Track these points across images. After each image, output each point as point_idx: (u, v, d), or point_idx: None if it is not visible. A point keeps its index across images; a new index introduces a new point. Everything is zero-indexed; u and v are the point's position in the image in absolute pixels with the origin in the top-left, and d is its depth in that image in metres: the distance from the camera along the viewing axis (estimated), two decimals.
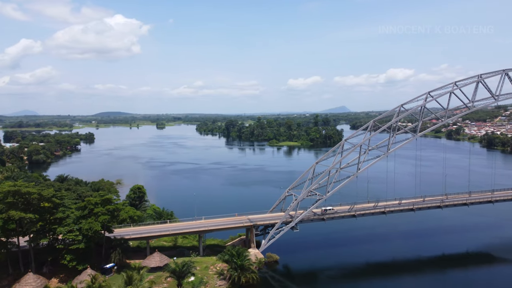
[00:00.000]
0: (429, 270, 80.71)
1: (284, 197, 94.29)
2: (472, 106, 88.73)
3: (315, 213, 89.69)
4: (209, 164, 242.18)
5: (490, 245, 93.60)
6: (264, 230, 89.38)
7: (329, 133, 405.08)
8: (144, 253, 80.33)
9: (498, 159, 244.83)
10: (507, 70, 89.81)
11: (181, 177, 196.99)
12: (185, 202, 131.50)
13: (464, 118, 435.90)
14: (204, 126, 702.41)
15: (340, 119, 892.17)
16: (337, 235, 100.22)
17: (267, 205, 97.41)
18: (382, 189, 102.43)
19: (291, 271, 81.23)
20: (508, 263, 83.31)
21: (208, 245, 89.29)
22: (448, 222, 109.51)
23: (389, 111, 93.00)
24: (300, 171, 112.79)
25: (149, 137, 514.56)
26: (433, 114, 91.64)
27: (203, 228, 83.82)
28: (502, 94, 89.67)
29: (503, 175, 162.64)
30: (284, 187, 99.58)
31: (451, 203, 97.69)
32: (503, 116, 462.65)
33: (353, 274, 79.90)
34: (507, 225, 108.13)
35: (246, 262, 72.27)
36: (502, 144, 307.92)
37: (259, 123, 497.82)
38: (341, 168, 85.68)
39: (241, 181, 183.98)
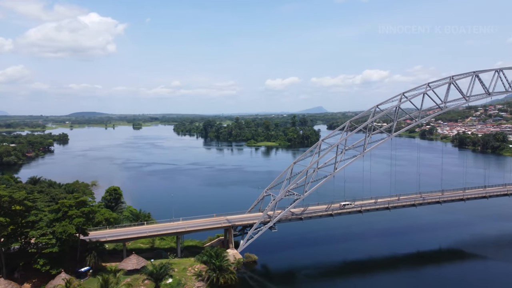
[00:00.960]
0: (404, 267, 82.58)
1: (262, 197, 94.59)
2: (444, 106, 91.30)
3: (293, 213, 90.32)
4: (186, 165, 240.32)
5: (461, 241, 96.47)
6: (242, 230, 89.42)
7: (307, 133, 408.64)
8: (121, 256, 78.99)
9: (469, 158, 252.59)
10: (478, 72, 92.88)
11: (158, 178, 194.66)
12: (163, 203, 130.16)
13: (437, 119, 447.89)
14: (181, 127, 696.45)
15: (317, 119, 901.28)
16: (314, 234, 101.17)
17: (245, 206, 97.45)
18: (358, 188, 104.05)
19: (270, 271, 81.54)
20: (478, 259, 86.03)
21: (186, 246, 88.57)
22: (422, 220, 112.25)
23: (365, 111, 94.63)
24: (278, 171, 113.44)
25: (125, 138, 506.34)
26: (407, 114, 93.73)
27: (181, 229, 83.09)
28: (472, 95, 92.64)
29: (474, 174, 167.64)
30: (262, 187, 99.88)
31: (425, 202, 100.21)
32: (473, 116, 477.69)
33: (331, 272, 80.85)
34: (477, 222, 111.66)
35: (224, 263, 72.10)
36: (473, 143, 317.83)
37: (237, 123, 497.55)
38: (318, 168, 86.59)
39: (219, 181, 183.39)
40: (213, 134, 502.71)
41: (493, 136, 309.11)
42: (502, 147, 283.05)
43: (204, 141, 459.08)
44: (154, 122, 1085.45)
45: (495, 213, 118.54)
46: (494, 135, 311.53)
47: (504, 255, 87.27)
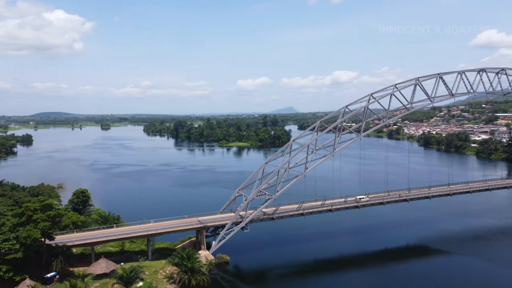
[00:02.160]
0: (373, 264, 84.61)
1: (234, 197, 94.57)
2: (410, 107, 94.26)
3: (265, 213, 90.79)
4: (157, 166, 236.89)
5: (427, 238, 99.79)
6: (214, 231, 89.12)
7: (278, 133, 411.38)
8: (89, 260, 76.97)
9: (434, 157, 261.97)
10: (442, 74, 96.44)
11: (127, 180, 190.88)
12: (133, 205, 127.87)
13: (403, 119, 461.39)
14: (152, 127, 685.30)
15: (288, 119, 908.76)
16: (286, 234, 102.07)
17: (217, 206, 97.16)
18: (328, 187, 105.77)
19: (242, 271, 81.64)
20: (443, 254, 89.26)
21: (157, 248, 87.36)
22: (390, 218, 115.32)
23: (335, 112, 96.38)
24: (250, 171, 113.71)
25: (93, 139, 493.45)
26: (375, 115, 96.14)
27: (152, 231, 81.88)
28: (437, 96, 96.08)
29: (438, 172, 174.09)
30: (234, 188, 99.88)
31: (393, 200, 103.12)
32: (438, 117, 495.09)
33: (302, 271, 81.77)
34: (442, 219, 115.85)
35: (196, 264, 71.63)
36: (437, 143, 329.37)
37: (208, 123, 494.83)
38: (289, 167, 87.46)
39: (191, 182, 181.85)
40: (184, 134, 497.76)
41: (456, 135, 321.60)
42: (464, 146, 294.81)
43: (175, 142, 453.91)
44: (124, 123, 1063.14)
45: (458, 210, 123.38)
46: (457, 134, 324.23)
47: (466, 250, 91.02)
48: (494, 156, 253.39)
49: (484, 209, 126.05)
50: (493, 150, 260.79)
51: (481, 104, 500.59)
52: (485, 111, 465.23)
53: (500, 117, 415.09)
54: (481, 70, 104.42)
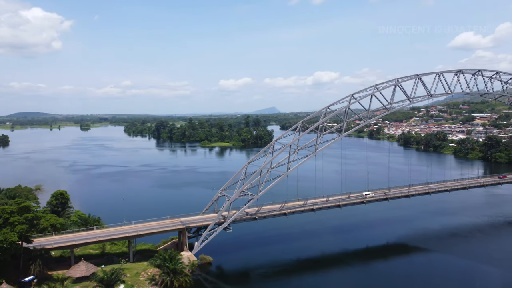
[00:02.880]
0: (354, 262, 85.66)
1: (217, 198, 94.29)
2: (390, 107, 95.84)
3: (248, 213, 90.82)
4: (138, 167, 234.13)
5: (406, 236, 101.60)
6: (197, 232, 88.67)
7: (260, 133, 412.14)
8: (68, 263, 75.49)
9: (413, 157, 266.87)
10: (420, 74, 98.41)
11: (108, 181, 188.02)
12: (114, 207, 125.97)
13: (383, 119, 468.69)
14: (133, 127, 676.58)
15: (270, 119, 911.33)
16: (269, 234, 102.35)
17: (199, 207, 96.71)
18: (311, 187, 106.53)
19: (224, 272, 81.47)
20: (422, 252, 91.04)
21: (138, 250, 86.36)
22: (370, 216, 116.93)
23: (316, 112, 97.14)
24: (232, 172, 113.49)
25: (73, 139, 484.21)
26: (356, 115, 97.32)
27: (133, 233, 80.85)
28: (416, 97, 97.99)
29: (418, 171, 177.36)
30: (217, 188, 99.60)
31: (373, 199, 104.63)
32: (417, 117, 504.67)
33: (285, 270, 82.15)
34: (421, 217, 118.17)
35: (179, 266, 71.12)
36: (417, 142, 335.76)
37: (190, 124, 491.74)
38: (272, 167, 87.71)
39: (173, 183, 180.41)
40: (166, 135, 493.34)
41: (434, 135, 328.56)
42: (442, 145, 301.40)
43: (156, 142, 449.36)
44: (104, 123, 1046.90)
45: (436, 208, 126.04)
46: (436, 134, 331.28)
47: (444, 248, 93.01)
48: (471, 155, 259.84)
49: (461, 207, 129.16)
50: (470, 149, 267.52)
51: (458, 104, 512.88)
52: (462, 111, 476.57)
53: (476, 117, 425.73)
54: (458, 71, 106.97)
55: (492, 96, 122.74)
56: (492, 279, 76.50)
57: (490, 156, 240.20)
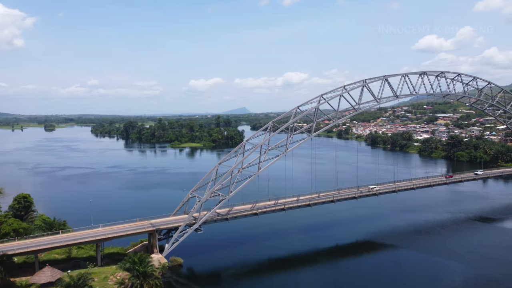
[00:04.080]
0: (324, 260, 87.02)
1: (188, 199, 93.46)
2: (358, 108, 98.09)
3: (219, 214, 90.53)
4: (106, 168, 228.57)
5: (375, 233, 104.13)
6: (167, 234, 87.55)
7: (231, 134, 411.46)
8: (33, 269, 72.75)
9: (380, 156, 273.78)
10: (387, 76, 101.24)
11: (74, 183, 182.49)
12: (80, 209, 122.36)
13: (352, 119, 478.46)
14: (100, 128, 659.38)
15: (241, 120, 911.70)
16: (240, 234, 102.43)
17: (170, 208, 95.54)
18: (281, 187, 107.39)
19: (195, 273, 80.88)
20: (389, 248, 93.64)
21: (107, 254, 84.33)
22: (340, 215, 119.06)
23: (287, 112, 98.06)
24: (203, 172, 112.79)
25: (36, 140, 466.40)
26: (325, 115, 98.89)
27: (101, 236, 78.90)
28: (383, 98, 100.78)
29: (385, 170, 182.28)
30: (188, 189, 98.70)
31: (343, 197, 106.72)
32: (384, 117, 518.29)
33: (256, 270, 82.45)
34: (388, 215, 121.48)
35: (148, 269, 69.97)
36: (384, 142, 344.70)
37: (160, 124, 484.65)
38: (243, 168, 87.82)
39: (142, 184, 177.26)
40: (134, 135, 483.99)
41: (400, 135, 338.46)
42: (408, 145, 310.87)
43: (125, 143, 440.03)
44: (69, 123, 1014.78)
45: (403, 206, 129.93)
46: (401, 134, 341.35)
47: (410, 244, 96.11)
48: (434, 154, 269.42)
49: (425, 204, 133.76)
50: (433, 148, 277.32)
51: (422, 105, 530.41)
52: (426, 111, 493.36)
53: (439, 117, 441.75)
54: (422, 73, 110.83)
55: (454, 97, 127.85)
56: (455, 273, 79.69)
57: (453, 155, 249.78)
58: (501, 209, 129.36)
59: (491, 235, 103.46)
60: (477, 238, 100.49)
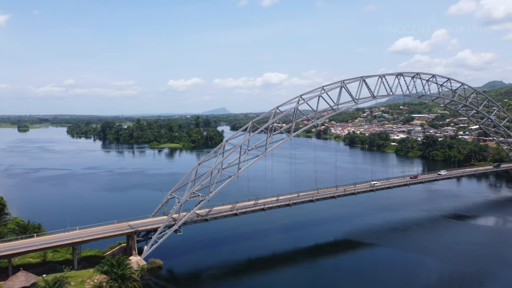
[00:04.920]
0: (304, 260, 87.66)
1: (167, 200, 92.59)
2: (337, 108, 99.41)
3: (198, 214, 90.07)
4: (82, 169, 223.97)
5: (353, 232, 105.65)
6: (146, 235, 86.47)
7: (210, 134, 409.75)
8: (6, 274, 70.65)
9: (358, 156, 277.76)
10: (364, 77, 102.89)
11: (49, 185, 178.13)
12: (56, 212, 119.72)
13: (330, 119, 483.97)
14: (76, 129, 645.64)
15: (221, 120, 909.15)
16: (220, 235, 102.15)
17: (149, 210, 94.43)
18: (261, 187, 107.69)
19: (175, 275, 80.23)
20: (366, 246, 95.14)
21: (84, 257, 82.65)
22: (319, 214, 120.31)
23: (266, 112, 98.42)
24: (183, 173, 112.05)
25: (9, 141, 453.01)
26: (304, 115, 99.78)
27: (78, 239, 77.28)
28: (361, 98, 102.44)
29: (363, 169, 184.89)
30: (167, 190, 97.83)
31: (321, 197, 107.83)
32: (361, 117, 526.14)
33: (236, 270, 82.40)
34: (366, 214, 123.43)
35: (127, 271, 69.05)
36: (361, 142, 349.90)
37: (138, 124, 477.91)
38: (222, 168, 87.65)
39: (120, 186, 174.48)
40: (112, 136, 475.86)
41: (377, 135, 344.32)
42: (385, 145, 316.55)
43: (102, 144, 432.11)
44: (44, 124, 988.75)
45: (380, 204, 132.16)
46: (379, 134, 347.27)
47: (387, 242, 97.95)
48: (411, 154, 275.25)
49: (402, 203, 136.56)
50: (410, 148, 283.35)
51: (399, 105, 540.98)
52: (403, 112, 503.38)
53: (415, 117, 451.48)
54: (399, 74, 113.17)
55: (429, 98, 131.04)
56: (430, 269, 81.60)
57: (428, 154, 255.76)
58: (474, 207, 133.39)
59: (464, 232, 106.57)
60: (451, 235, 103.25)
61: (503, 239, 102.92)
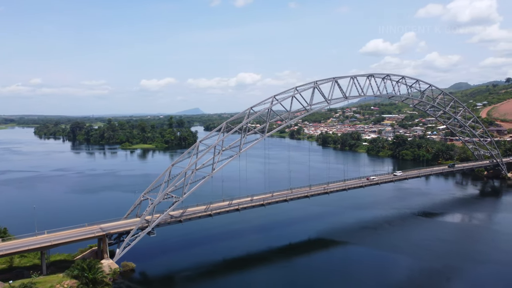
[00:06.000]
0: (278, 259, 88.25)
1: (140, 201, 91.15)
2: (310, 108, 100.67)
3: (172, 216, 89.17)
4: (51, 171, 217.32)
5: (326, 231, 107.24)
6: (118, 238, 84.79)
7: (184, 134, 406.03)
8: None
9: (331, 155, 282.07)
10: (337, 78, 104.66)
11: (15, 188, 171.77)
12: (23, 216, 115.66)
13: (303, 120, 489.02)
14: (44, 129, 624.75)
15: (194, 120, 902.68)
16: (194, 236, 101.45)
17: (121, 212, 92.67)
18: (235, 187, 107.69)
19: (148, 278, 79.13)
20: (339, 245, 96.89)
21: (53, 261, 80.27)
22: (293, 214, 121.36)
23: (240, 113, 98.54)
24: (156, 174, 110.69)
25: None
26: (278, 116, 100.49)
27: (46, 243, 74.89)
28: (333, 99, 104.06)
29: (335, 169, 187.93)
30: (139, 191, 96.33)
31: (295, 196, 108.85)
32: (334, 117, 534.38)
33: (210, 271, 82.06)
34: (338, 212, 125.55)
35: (98, 275, 67.70)
36: (334, 142, 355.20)
37: (109, 125, 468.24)
38: (196, 169, 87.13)
39: (91, 188, 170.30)
40: (82, 137, 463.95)
41: (349, 135, 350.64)
42: (357, 144, 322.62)
43: (72, 145, 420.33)
44: (10, 124, 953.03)
45: (352, 203, 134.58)
46: (351, 134, 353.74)
47: (358, 239, 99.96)
48: (381, 153, 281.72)
49: (373, 201, 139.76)
50: (380, 148, 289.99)
51: (370, 106, 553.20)
52: (374, 112, 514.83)
53: (386, 118, 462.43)
54: (370, 75, 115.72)
55: (399, 99, 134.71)
56: (400, 266, 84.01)
57: (398, 154, 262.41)
58: (441, 204, 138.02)
59: (432, 229, 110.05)
60: (420, 232, 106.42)
61: (468, 235, 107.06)
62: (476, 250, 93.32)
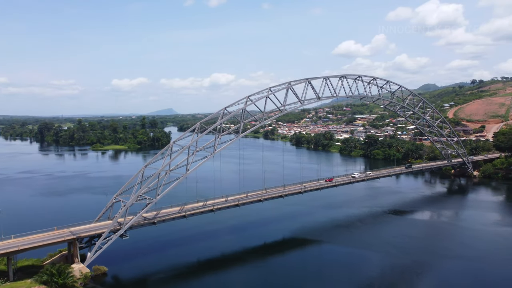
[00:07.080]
0: (253, 259, 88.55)
1: (112, 204, 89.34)
2: (284, 109, 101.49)
3: (145, 218, 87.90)
4: (17, 174, 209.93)
5: (300, 230, 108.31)
6: (89, 241, 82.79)
7: (157, 135, 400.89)
8: None
9: (304, 155, 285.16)
10: (310, 78, 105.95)
11: None
12: None
13: (277, 120, 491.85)
14: (10, 130, 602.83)
15: (168, 121, 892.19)
16: (168, 238, 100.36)
17: (92, 215, 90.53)
18: (210, 188, 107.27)
19: (121, 281, 77.67)
20: (313, 243, 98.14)
21: (20, 267, 77.51)
22: (268, 214, 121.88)
23: (214, 113, 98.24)
24: (128, 176, 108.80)
25: None
26: (252, 116, 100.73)
27: (13, 248, 72.26)
28: (306, 99, 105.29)
29: (309, 169, 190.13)
30: (111, 193, 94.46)
31: (270, 196, 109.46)
32: (307, 118, 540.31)
33: (185, 273, 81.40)
34: (312, 212, 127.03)
35: (69, 280, 66.04)
36: (307, 142, 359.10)
37: (80, 126, 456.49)
38: (170, 170, 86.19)
39: (60, 190, 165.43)
40: (51, 138, 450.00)
41: (322, 135, 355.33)
42: (330, 144, 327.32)
43: (40, 146, 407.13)
44: None
45: (325, 202, 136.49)
46: (324, 134, 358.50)
47: (332, 238, 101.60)
48: (354, 153, 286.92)
49: (346, 200, 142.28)
50: (353, 147, 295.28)
51: (342, 106, 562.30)
52: (346, 113, 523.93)
53: (357, 118, 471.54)
54: (342, 77, 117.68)
55: (370, 99, 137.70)
56: (372, 263, 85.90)
57: (370, 153, 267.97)
58: (411, 202, 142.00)
59: (402, 226, 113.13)
60: (390, 229, 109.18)
61: (436, 232, 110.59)
62: (443, 246, 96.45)
